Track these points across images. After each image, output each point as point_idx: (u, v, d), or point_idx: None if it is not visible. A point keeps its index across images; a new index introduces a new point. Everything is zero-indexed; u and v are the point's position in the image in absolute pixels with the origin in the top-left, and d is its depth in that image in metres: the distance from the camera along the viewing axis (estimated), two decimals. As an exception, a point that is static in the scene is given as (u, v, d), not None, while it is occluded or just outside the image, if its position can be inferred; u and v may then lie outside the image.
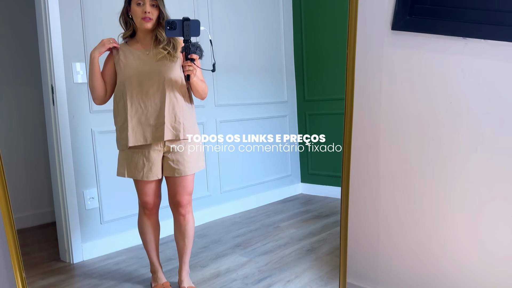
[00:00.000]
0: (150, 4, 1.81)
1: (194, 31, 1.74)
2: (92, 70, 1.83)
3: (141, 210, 2.02)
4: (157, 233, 2.08)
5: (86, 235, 2.53)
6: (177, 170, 1.88)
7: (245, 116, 3.44)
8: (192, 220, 2.00)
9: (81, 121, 2.50)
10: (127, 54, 1.86)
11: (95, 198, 2.57)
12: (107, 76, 1.89)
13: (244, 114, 3.44)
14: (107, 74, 1.89)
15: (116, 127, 1.92)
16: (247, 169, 3.50)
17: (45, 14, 2.35)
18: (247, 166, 3.50)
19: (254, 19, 3.52)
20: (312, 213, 3.19)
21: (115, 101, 1.90)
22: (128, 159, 1.89)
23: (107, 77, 1.89)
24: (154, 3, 1.83)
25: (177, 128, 1.86)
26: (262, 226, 2.94)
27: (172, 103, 1.85)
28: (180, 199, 1.93)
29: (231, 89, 3.32)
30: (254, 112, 3.52)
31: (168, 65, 1.85)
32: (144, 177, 1.87)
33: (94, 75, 1.83)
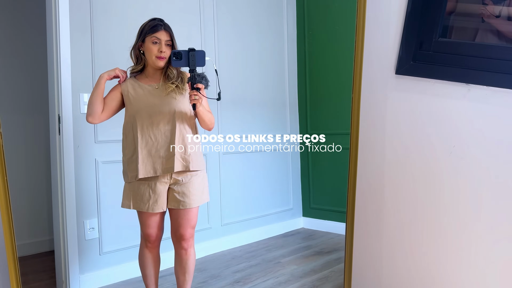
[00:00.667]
0: (166, 43, 1.87)
1: (199, 61, 1.77)
2: (96, 88, 1.86)
3: (143, 242, 2.00)
4: (157, 267, 2.06)
5: (84, 266, 2.50)
6: (182, 203, 1.88)
7: (248, 148, 3.46)
8: (193, 254, 1.98)
9: (85, 150, 2.52)
10: (136, 88, 1.90)
11: (95, 229, 2.55)
12: (109, 98, 1.91)
13: (247, 146, 3.45)
14: (109, 97, 1.91)
15: (124, 159, 1.93)
16: (249, 201, 3.49)
17: (56, 46, 2.41)
18: (249, 199, 3.49)
19: (259, 52, 3.59)
20: (314, 249, 3.15)
21: (124, 134, 1.93)
22: (135, 190, 1.89)
23: (108, 99, 1.91)
24: (169, 43, 1.88)
25: (187, 159, 1.87)
26: (262, 261, 2.90)
27: (182, 135, 1.87)
28: (184, 232, 1.91)
29: (234, 121, 3.35)
30: (258, 144, 3.54)
31: (177, 98, 1.89)
32: (149, 209, 1.87)
33: (96, 92, 1.86)
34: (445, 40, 1.66)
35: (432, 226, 1.72)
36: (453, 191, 1.66)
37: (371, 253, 1.90)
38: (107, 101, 1.90)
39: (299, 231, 3.79)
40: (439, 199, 1.69)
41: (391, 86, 1.73)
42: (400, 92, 1.72)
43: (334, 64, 3.63)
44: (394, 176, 1.79)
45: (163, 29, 1.87)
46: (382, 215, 1.83)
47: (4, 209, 1.68)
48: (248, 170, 3.49)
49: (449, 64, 1.62)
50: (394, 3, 1.73)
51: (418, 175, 1.73)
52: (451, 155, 1.66)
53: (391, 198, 1.81)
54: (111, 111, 1.92)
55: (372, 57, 1.75)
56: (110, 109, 1.91)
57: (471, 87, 1.58)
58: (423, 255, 1.75)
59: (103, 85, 1.86)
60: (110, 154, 2.59)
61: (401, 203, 1.79)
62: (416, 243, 1.77)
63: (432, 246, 1.72)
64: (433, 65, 1.65)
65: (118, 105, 1.93)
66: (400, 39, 1.70)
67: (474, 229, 1.62)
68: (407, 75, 1.70)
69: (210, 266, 2.83)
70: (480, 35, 1.66)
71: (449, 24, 1.71)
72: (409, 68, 1.69)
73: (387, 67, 1.74)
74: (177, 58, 1.76)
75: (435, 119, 1.68)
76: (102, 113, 1.88)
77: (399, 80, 1.72)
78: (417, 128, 1.71)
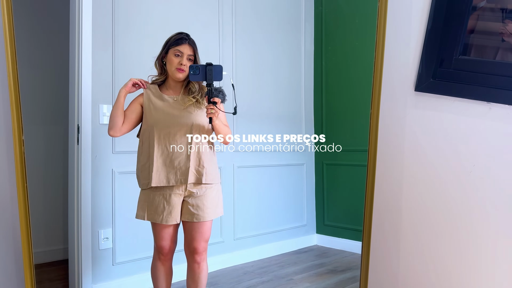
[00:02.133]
0: (187, 57, 1.91)
1: (216, 75, 1.79)
2: (115, 102, 1.92)
3: (156, 254, 2.00)
4: (170, 279, 2.05)
5: (97, 276, 2.50)
6: (196, 216, 1.88)
7: (263, 162, 3.46)
8: (206, 268, 1.97)
9: (103, 161, 2.55)
10: (156, 98, 1.93)
11: (109, 239, 2.56)
12: (129, 110, 1.96)
13: (262, 160, 3.45)
14: (130, 109, 1.96)
15: (138, 166, 1.95)
16: (262, 216, 3.47)
17: (78, 58, 2.47)
18: (262, 214, 3.46)
19: (276, 68, 3.62)
20: (327, 267, 3.10)
21: (140, 141, 1.96)
22: (149, 201, 1.90)
23: (128, 112, 1.95)
24: (191, 58, 1.92)
25: (201, 172, 1.89)
26: (274, 278, 2.86)
27: (197, 148, 1.90)
28: (197, 246, 1.91)
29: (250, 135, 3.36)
30: (272, 159, 3.54)
31: (196, 111, 1.92)
32: (163, 221, 1.87)
33: (115, 106, 1.91)
34: (466, 58, 1.64)
35: (453, 247, 1.67)
36: (473, 210, 1.62)
37: (387, 273, 1.86)
38: (127, 113, 1.94)
39: (312, 248, 3.74)
40: (459, 218, 1.65)
41: (410, 103, 1.72)
42: (419, 110, 1.71)
43: (351, 80, 3.63)
44: (412, 194, 1.76)
45: (187, 43, 1.91)
46: (399, 235, 1.80)
47: (23, 217, 1.70)
48: (262, 184, 3.48)
49: (470, 82, 1.61)
50: (414, 20, 1.72)
51: (437, 194, 1.70)
52: (470, 174, 1.63)
53: (409, 218, 1.77)
54: (131, 123, 1.95)
55: (392, 73, 1.74)
56: (130, 121, 1.94)
57: (492, 106, 1.56)
58: (443, 278, 1.70)
59: (122, 98, 1.90)
60: (127, 165, 2.61)
61: (420, 224, 1.76)
62: (436, 264, 1.72)
63: (453, 269, 1.68)
64: (453, 83, 1.64)
65: (139, 117, 1.97)
66: (420, 56, 1.69)
67: (495, 249, 1.58)
68: (427, 92, 1.68)
69: (222, 281, 2.80)
70: (500, 54, 1.64)
71: (469, 42, 1.70)
72: (429, 85, 1.67)
73: (406, 84, 1.73)
74: (195, 72, 1.78)
75: (455, 137, 1.65)
76: (123, 126, 1.92)
77: (418, 97, 1.71)
78: (436, 146, 1.69)
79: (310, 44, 3.92)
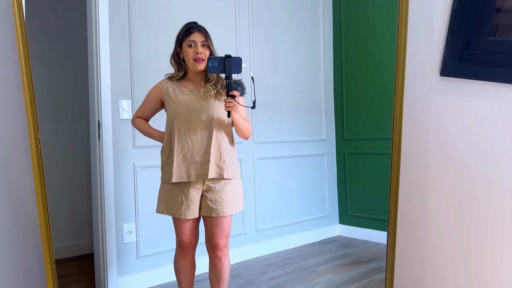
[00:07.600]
0: (201, 44, 1.87)
1: (235, 68, 1.75)
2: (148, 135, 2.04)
3: (178, 249, 2.01)
4: (192, 273, 2.05)
5: (122, 269, 2.54)
6: (215, 211, 1.86)
7: (283, 153, 3.42)
8: (228, 263, 1.95)
9: (124, 155, 2.56)
10: (176, 92, 1.91)
11: (133, 232, 2.59)
12: (150, 109, 2.02)
13: (282, 151, 3.42)
14: (150, 107, 2.01)
15: (162, 160, 1.96)
16: (284, 207, 3.44)
17: (96, 54, 2.48)
18: (283, 205, 3.44)
19: (294, 57, 3.56)
20: (351, 258, 3.06)
21: (164, 136, 1.96)
22: (168, 196, 1.90)
23: (150, 111, 2.02)
24: (205, 43, 1.88)
25: (222, 167, 1.86)
26: (298, 269, 2.84)
27: (218, 141, 1.87)
28: (217, 241, 1.90)
29: (269, 126, 3.33)
30: (293, 149, 3.50)
31: (216, 104, 1.89)
32: (181, 215, 1.87)
33: (146, 134, 2.04)
34: (495, 39, 1.55)
35: (481, 237, 1.61)
36: (504, 200, 1.55)
37: (414, 263, 1.81)
38: (150, 114, 2.04)
39: (335, 238, 3.71)
40: (488, 208, 1.58)
41: (435, 89, 1.65)
42: (445, 95, 1.63)
43: (372, 67, 3.53)
44: (438, 183, 1.69)
45: (197, 30, 1.87)
46: (426, 224, 1.74)
47: (42, 214, 1.72)
48: (282, 175, 3.45)
49: (499, 64, 1.52)
50: (438, 1, 1.64)
51: (465, 182, 1.63)
52: (501, 161, 1.55)
53: (436, 206, 1.71)
54: (150, 118, 2.07)
55: (415, 58, 1.67)
56: (150, 117, 2.07)
57: (524, 89, 1.48)
58: (471, 268, 1.64)
59: (154, 137, 2.02)
60: (148, 159, 2.63)
61: (446, 212, 1.69)
62: (464, 255, 1.66)
63: (481, 259, 1.62)
64: (481, 66, 1.56)
65: (158, 111, 2.05)
66: (445, 39, 1.62)
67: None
68: (453, 76, 1.60)
69: (245, 272, 2.80)
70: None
71: (497, 22, 1.61)
72: (455, 69, 1.59)
73: (431, 68, 1.65)
74: (213, 64, 1.75)
75: (483, 123, 1.58)
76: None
77: (444, 82, 1.63)
78: (464, 133, 1.62)
79: (329, 31, 3.83)
